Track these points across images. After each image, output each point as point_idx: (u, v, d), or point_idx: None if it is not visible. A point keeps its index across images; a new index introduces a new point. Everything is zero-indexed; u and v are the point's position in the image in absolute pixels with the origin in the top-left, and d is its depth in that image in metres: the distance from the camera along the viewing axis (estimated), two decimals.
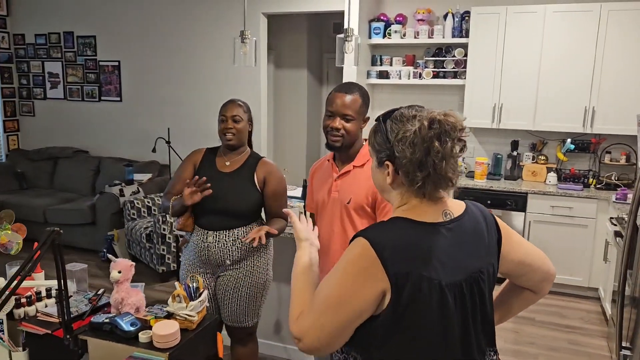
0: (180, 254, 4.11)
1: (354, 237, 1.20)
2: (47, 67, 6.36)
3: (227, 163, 2.54)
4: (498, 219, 1.36)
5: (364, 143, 2.11)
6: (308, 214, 2.34)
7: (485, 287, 1.25)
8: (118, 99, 6.04)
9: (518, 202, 4.57)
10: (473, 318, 1.24)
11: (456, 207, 1.28)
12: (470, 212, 1.30)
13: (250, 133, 2.58)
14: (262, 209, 2.61)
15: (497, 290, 1.51)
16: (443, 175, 1.18)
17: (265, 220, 2.64)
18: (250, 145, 2.64)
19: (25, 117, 6.57)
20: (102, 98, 6.12)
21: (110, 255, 2.06)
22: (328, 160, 2.18)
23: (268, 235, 2.32)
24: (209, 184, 2.32)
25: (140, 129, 5.94)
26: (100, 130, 6.18)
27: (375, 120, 1.31)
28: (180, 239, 2.63)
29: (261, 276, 2.55)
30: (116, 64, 5.98)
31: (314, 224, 2.26)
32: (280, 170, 2.61)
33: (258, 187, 2.51)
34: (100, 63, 6.06)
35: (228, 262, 2.47)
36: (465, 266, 1.22)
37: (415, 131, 1.17)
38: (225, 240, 2.46)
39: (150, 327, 1.85)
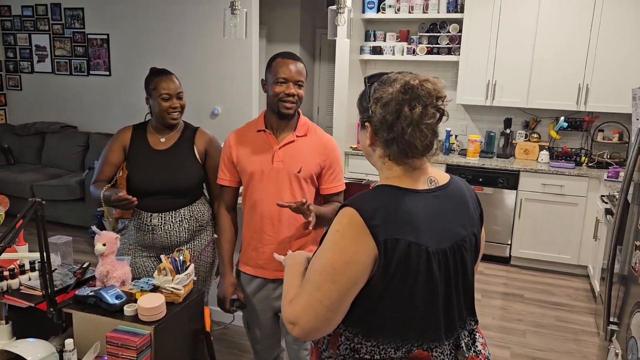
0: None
1: (341, 207, 1.18)
2: (34, 40, 6.21)
3: (162, 140, 2.37)
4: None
5: (299, 114, 2.14)
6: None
7: (467, 256, 1.26)
8: (107, 73, 5.92)
9: (510, 180, 4.57)
10: (455, 286, 1.25)
11: (441, 176, 1.29)
12: (455, 182, 1.31)
13: None
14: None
15: None
16: (409, 142, 1.17)
17: (208, 197, 2.48)
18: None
19: (12, 91, 6.44)
20: (91, 72, 6.00)
21: (94, 228, 2.02)
22: (259, 130, 2.11)
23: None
24: (134, 201, 2.15)
25: (129, 104, 5.84)
26: (89, 105, 6.08)
27: (364, 83, 1.30)
28: (119, 224, 2.48)
29: (210, 255, 2.46)
30: (105, 37, 5.85)
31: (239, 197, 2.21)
32: (218, 140, 2.46)
33: (199, 160, 2.38)
34: (89, 36, 5.93)
35: (175, 244, 2.35)
36: (450, 234, 1.22)
37: (391, 93, 1.17)
38: (172, 221, 2.33)
39: (135, 301, 1.82)
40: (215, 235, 2.29)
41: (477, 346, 1.32)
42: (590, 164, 4.59)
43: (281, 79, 2.00)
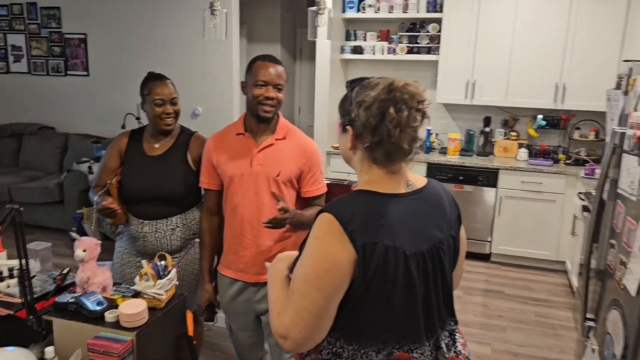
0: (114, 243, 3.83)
1: (319, 213, 1.19)
2: (10, 40, 6.09)
3: (157, 145, 2.33)
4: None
5: (278, 116, 2.14)
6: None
7: (445, 258, 1.28)
8: (85, 73, 5.84)
9: (490, 178, 4.63)
10: (435, 288, 1.26)
11: (418, 180, 1.31)
12: (431, 185, 1.33)
13: None
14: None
15: None
16: (396, 144, 1.18)
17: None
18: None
19: None
20: (68, 72, 5.91)
21: (73, 234, 1.99)
22: (238, 133, 2.11)
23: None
24: (117, 209, 2.12)
25: (108, 105, 5.77)
26: (67, 105, 5.99)
27: (346, 87, 1.31)
28: (114, 228, 2.42)
29: (197, 259, 2.40)
30: (82, 36, 5.77)
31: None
32: None
33: (193, 166, 2.31)
34: (66, 36, 5.83)
35: (167, 252, 2.26)
36: (427, 237, 1.24)
37: (373, 95, 1.18)
38: (164, 229, 2.29)
39: (117, 307, 1.81)
40: (197, 240, 2.28)
41: (457, 346, 1.34)
42: (567, 162, 4.68)
43: (261, 82, 2.00)
